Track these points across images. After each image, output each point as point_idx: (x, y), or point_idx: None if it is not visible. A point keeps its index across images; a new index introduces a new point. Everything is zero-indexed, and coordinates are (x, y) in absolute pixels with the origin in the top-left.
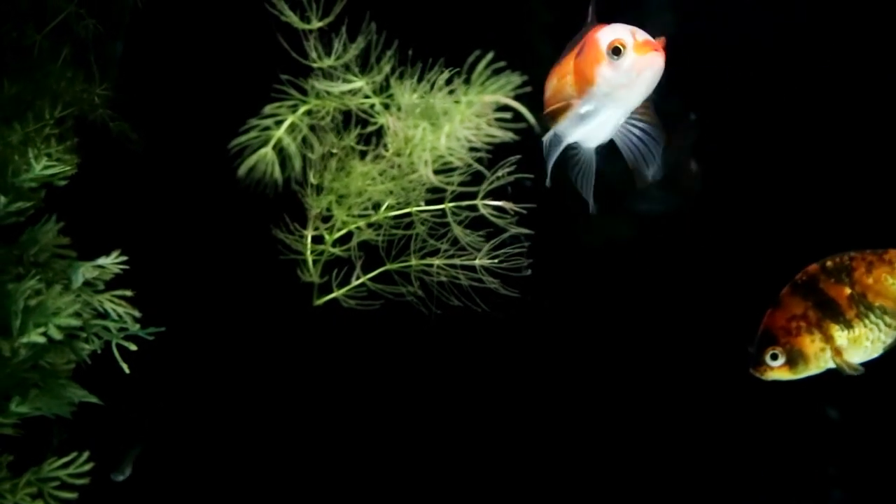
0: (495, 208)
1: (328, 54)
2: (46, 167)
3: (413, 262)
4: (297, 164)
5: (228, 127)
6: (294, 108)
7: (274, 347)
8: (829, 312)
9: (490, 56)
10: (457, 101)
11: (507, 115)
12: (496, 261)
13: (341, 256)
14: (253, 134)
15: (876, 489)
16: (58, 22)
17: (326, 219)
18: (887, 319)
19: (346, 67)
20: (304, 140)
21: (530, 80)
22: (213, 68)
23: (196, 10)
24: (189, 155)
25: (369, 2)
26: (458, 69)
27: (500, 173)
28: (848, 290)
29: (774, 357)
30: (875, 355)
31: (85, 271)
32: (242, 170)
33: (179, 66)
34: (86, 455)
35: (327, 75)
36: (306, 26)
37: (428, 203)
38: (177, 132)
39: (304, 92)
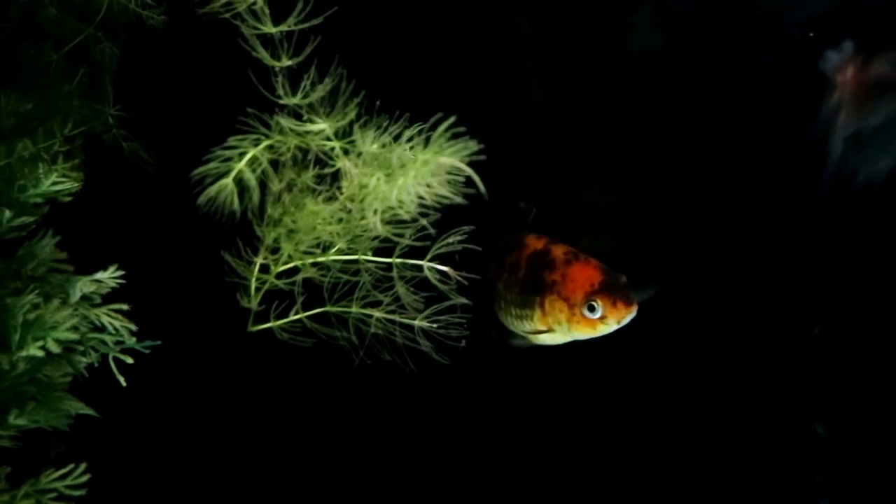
0: (440, 273)
1: (295, 93)
2: (54, 183)
3: (354, 309)
4: (256, 196)
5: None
6: (257, 142)
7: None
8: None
9: (452, 120)
10: (413, 159)
11: (460, 178)
12: (434, 325)
13: (284, 289)
14: (214, 164)
15: None
16: (76, 43)
17: (276, 250)
18: None
19: (311, 107)
20: (264, 173)
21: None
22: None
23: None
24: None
25: (341, 44)
26: (422, 124)
27: (451, 239)
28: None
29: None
30: None
31: (82, 286)
32: (203, 198)
33: (170, 84)
34: (83, 467)
35: (294, 113)
36: (276, 63)
37: (376, 253)
38: (169, 149)
39: (269, 127)
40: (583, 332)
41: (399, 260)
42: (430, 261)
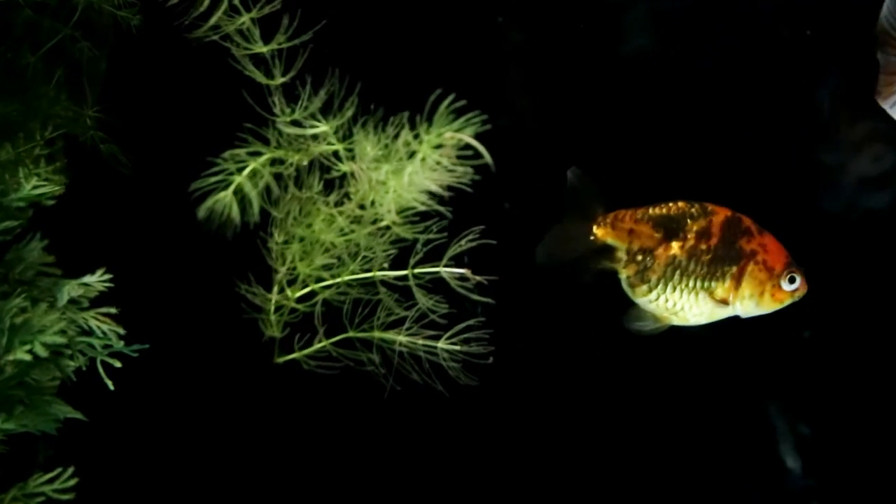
0: (458, 276)
1: (292, 107)
2: (36, 187)
3: (376, 334)
4: (256, 209)
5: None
6: (256, 155)
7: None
8: None
9: (452, 97)
10: (419, 140)
11: (468, 153)
12: (458, 347)
13: (305, 311)
14: (213, 179)
15: None
16: (53, 44)
17: (291, 271)
18: None
19: (312, 116)
20: (268, 190)
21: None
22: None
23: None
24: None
25: (333, 54)
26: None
27: (463, 242)
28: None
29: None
30: None
31: (70, 289)
32: (202, 212)
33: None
34: (71, 471)
35: (293, 122)
36: (270, 82)
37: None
38: (162, 153)
39: (267, 141)
40: (768, 306)
41: (416, 270)
42: (445, 264)
